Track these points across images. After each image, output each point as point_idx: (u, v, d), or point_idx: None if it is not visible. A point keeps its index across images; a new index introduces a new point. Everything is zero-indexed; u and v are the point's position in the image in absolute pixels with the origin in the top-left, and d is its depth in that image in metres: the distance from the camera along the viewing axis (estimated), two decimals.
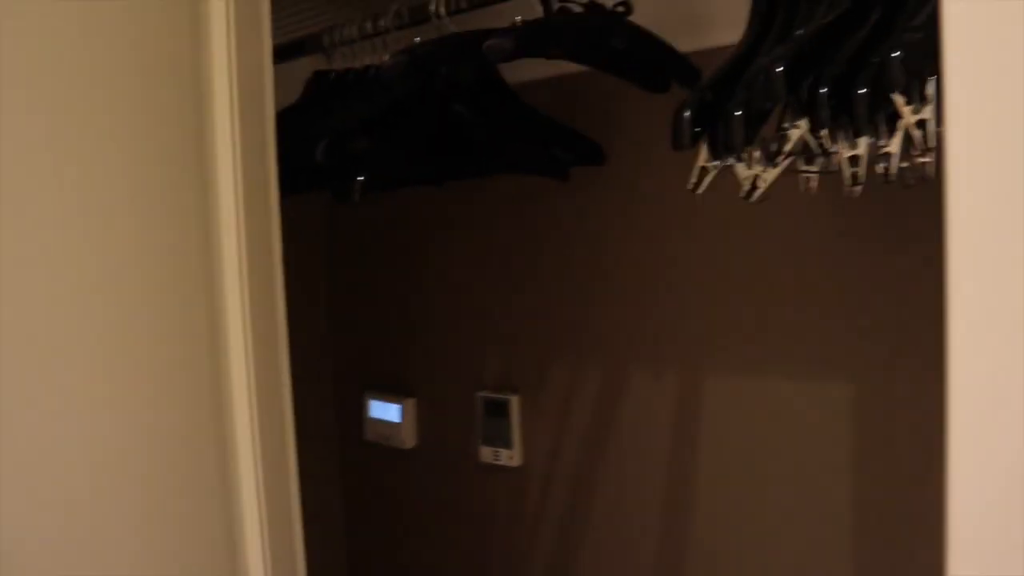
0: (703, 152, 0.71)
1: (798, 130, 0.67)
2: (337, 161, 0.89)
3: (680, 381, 1.21)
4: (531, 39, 0.85)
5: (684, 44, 1.06)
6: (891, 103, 0.64)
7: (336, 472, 1.64)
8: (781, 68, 0.63)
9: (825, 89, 0.64)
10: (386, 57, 1.17)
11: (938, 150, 0.61)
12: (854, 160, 0.68)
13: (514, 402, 1.37)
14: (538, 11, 1.01)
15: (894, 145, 0.67)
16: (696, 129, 0.68)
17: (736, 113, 0.66)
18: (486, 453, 1.40)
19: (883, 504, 1.05)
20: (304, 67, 1.26)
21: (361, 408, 1.57)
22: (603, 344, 1.27)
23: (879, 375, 1.04)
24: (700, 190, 0.71)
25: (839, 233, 1.04)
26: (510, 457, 1.38)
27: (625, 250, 1.24)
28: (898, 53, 0.64)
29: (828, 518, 1.09)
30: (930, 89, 0.64)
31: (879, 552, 1.06)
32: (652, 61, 1.05)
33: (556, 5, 0.99)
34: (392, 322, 1.53)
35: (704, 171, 0.71)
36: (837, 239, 1.04)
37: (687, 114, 0.68)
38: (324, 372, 1.62)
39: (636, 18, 1.02)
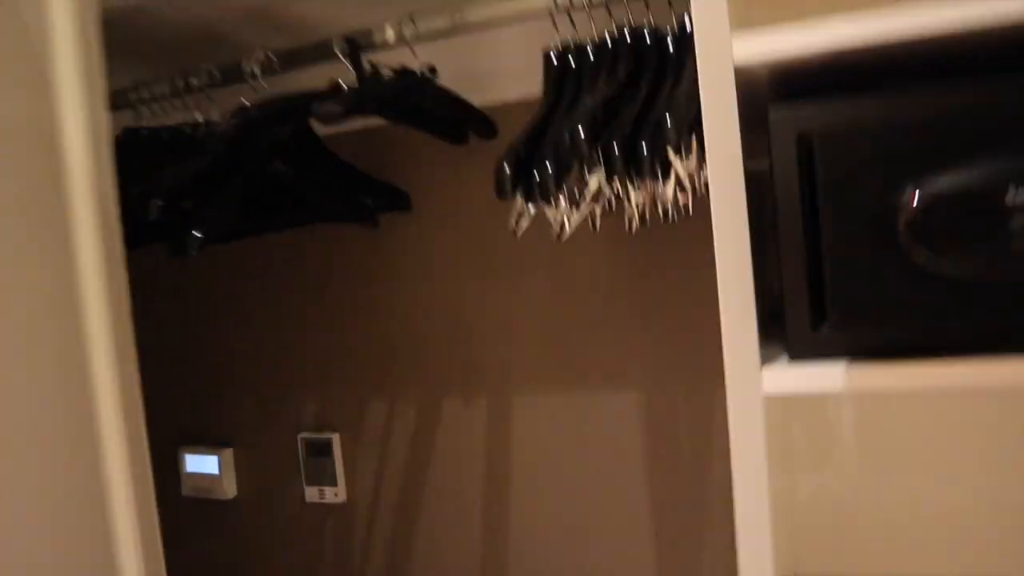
0: (519, 200, 0.84)
1: (596, 178, 0.82)
2: (170, 217, 0.93)
3: (489, 406, 1.33)
4: (357, 103, 0.94)
5: (476, 99, 1.19)
6: (666, 154, 0.81)
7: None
8: (583, 131, 0.78)
9: (615, 145, 0.80)
10: (197, 114, 1.21)
11: (706, 190, 0.77)
12: (638, 202, 0.84)
13: (335, 440, 1.43)
14: (348, 73, 1.11)
15: (668, 188, 0.84)
16: (514, 181, 0.81)
17: (547, 165, 0.79)
18: (312, 493, 1.44)
19: (675, 494, 1.23)
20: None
21: (176, 463, 1.55)
22: (417, 378, 1.37)
23: (665, 385, 1.21)
24: (519, 232, 0.84)
25: (628, 264, 1.21)
26: (335, 494, 1.43)
27: (433, 289, 1.34)
28: (667, 116, 0.81)
29: (630, 513, 1.25)
30: (693, 143, 0.82)
31: (675, 535, 1.24)
32: (454, 117, 1.18)
33: (367, 68, 1.09)
34: (205, 372, 1.53)
35: (521, 215, 0.84)
36: (625, 269, 1.21)
37: (506, 168, 0.81)
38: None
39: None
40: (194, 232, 0.91)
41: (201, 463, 1.52)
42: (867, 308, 0.69)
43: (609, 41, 0.90)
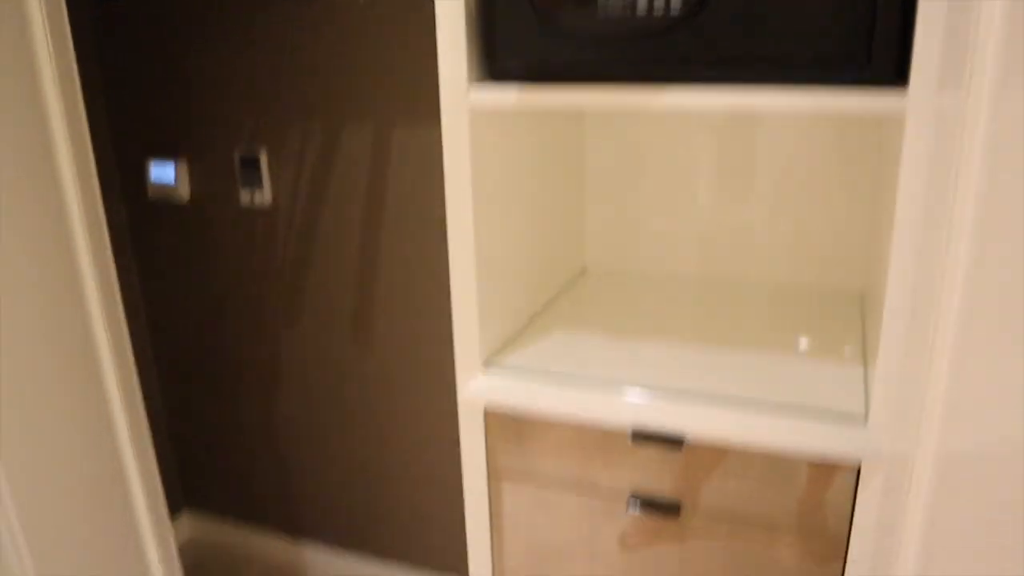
0: None
1: None
2: None
3: (376, 134, 1.64)
4: None
5: None
6: None
7: (126, 230, 2.00)
8: None
9: None
10: None
11: None
12: None
13: (263, 155, 1.77)
14: None
15: None
16: None
17: None
18: (244, 197, 1.81)
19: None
20: None
21: (143, 171, 1.92)
22: (325, 108, 1.67)
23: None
24: None
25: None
26: (263, 198, 1.80)
27: (338, 39, 1.61)
28: None
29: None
30: None
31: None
32: None
33: None
34: (167, 94, 1.85)
35: None
36: None
37: None
38: (103, 137, 1.92)
39: None
40: None
41: (162, 173, 1.88)
42: (519, 45, 0.97)
43: None
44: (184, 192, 1.88)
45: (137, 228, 1.99)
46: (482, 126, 1.07)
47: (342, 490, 2.01)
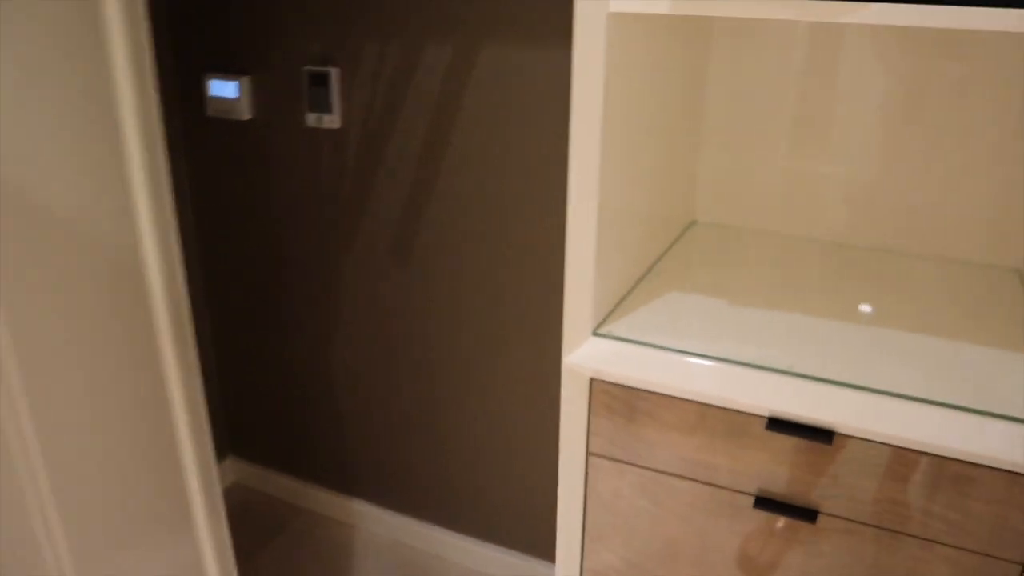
0: None
1: None
2: None
3: (462, 51, 1.46)
4: None
5: None
6: None
7: (180, 147, 1.85)
8: None
9: None
10: None
11: None
12: None
13: (333, 74, 1.60)
14: None
15: None
16: None
17: None
18: (312, 119, 1.64)
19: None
20: None
21: (202, 87, 1.76)
22: (406, 20, 1.49)
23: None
24: None
25: None
26: (332, 121, 1.63)
27: None
28: None
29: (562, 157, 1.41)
30: None
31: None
32: None
33: None
34: (225, 6, 1.68)
35: None
36: None
37: None
38: (163, 54, 1.77)
39: None
40: None
41: (223, 88, 1.72)
42: None
43: None
44: (245, 109, 1.72)
45: (193, 145, 1.84)
46: (617, 38, 0.88)
47: (401, 449, 1.87)
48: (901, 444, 0.84)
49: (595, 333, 0.98)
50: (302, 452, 2.03)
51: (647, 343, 0.96)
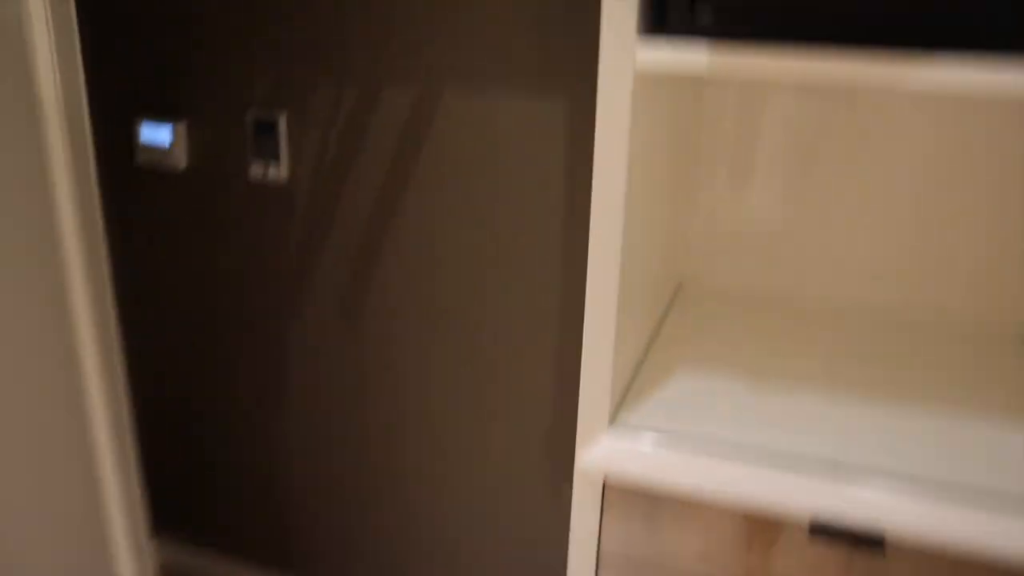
0: None
1: None
2: None
3: (426, 97, 1.33)
4: None
5: None
6: None
7: (107, 199, 1.66)
8: None
9: None
10: None
11: None
12: None
13: (282, 119, 1.45)
14: None
15: None
16: None
17: None
18: (256, 170, 1.49)
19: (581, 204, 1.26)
20: None
21: (130, 132, 1.59)
22: (361, 66, 1.36)
23: (574, 88, 1.20)
24: None
25: None
26: (278, 172, 1.47)
27: None
28: None
29: (543, 218, 1.30)
30: None
31: (578, 245, 1.29)
32: None
33: None
34: (156, 42, 1.52)
35: None
36: None
37: None
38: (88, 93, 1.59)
39: None
40: None
41: (154, 133, 1.55)
42: None
43: None
44: (180, 157, 1.55)
45: (120, 197, 1.66)
46: (640, 93, 0.78)
47: (356, 527, 1.71)
48: (970, 553, 0.74)
49: (611, 423, 0.86)
50: (239, 530, 1.84)
51: (665, 433, 0.85)
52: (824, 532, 0.80)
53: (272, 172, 1.48)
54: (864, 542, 0.78)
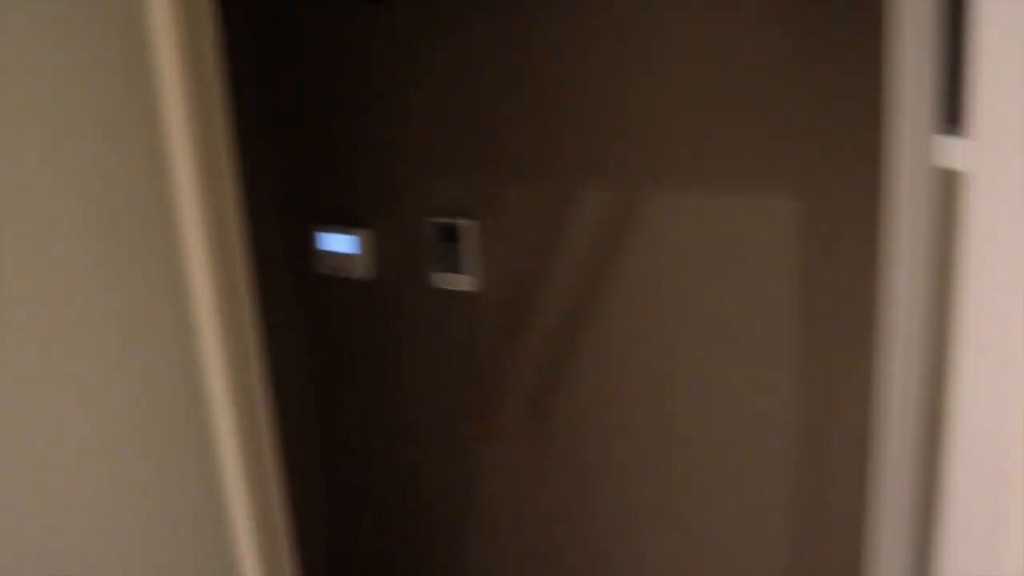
0: None
1: None
2: None
3: (630, 198, 1.30)
4: None
5: None
6: None
7: (292, 304, 1.69)
8: None
9: None
10: None
11: None
12: None
13: (466, 226, 1.45)
14: None
15: None
16: None
17: None
18: (439, 279, 1.48)
19: (826, 310, 1.20)
20: None
21: (309, 241, 1.62)
22: (554, 165, 1.35)
23: (819, 184, 1.14)
24: None
25: (779, 47, 1.13)
26: (462, 281, 1.46)
27: (571, 69, 1.30)
28: None
29: (773, 325, 1.24)
30: None
31: (821, 355, 1.22)
32: None
33: None
34: (337, 151, 1.55)
35: None
36: (776, 53, 1.14)
37: None
38: (263, 205, 1.64)
39: None
40: None
41: (335, 241, 1.58)
42: None
43: None
44: (364, 266, 1.57)
45: (304, 302, 1.68)
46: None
47: None
48: None
49: None
50: None
51: None
52: None
53: (455, 280, 1.47)
54: None
